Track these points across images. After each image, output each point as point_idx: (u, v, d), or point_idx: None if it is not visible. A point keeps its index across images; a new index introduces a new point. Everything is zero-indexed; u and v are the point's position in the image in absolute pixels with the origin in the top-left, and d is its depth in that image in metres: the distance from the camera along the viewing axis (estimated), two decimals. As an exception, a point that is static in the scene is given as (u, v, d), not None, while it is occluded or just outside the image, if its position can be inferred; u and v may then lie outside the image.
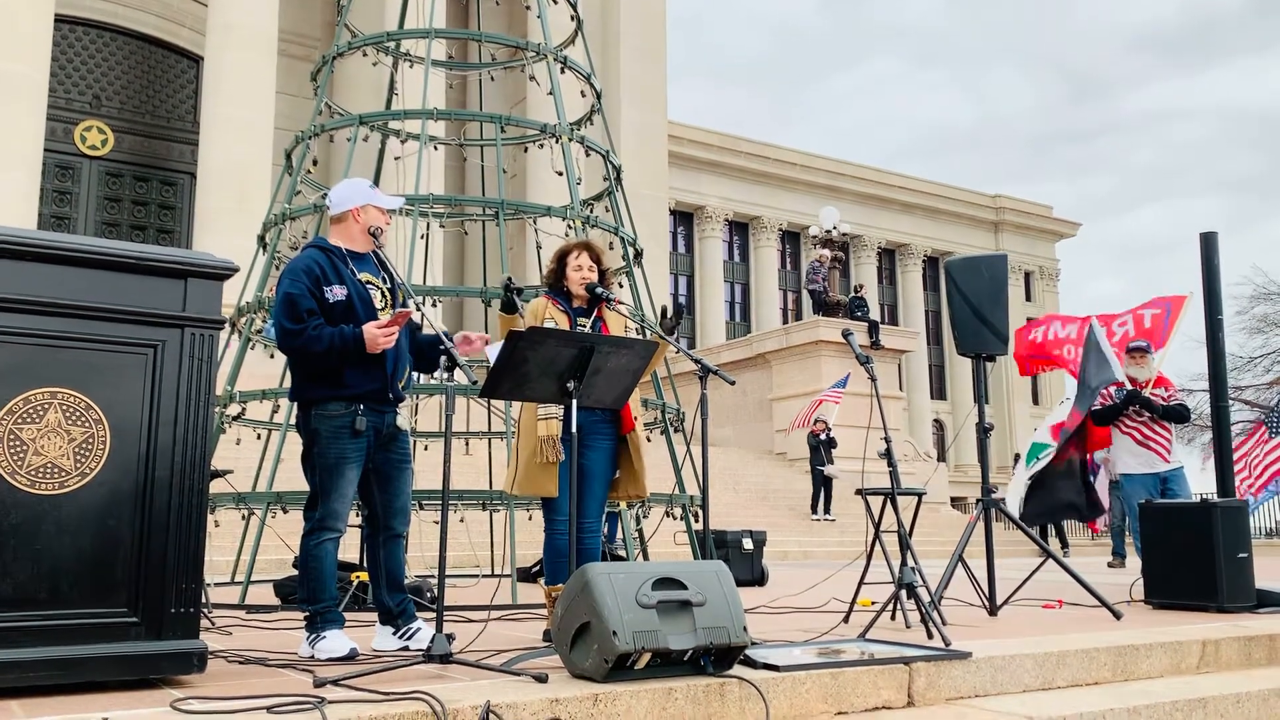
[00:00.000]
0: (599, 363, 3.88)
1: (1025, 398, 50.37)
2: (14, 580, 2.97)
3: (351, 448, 4.00)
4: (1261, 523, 24.10)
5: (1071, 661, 4.18)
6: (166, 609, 3.15)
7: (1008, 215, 52.11)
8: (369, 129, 8.62)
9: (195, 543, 3.23)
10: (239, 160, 22.87)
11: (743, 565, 9.06)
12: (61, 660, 2.97)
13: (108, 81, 29.34)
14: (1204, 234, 6.80)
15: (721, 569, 3.50)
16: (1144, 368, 7.46)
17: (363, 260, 4.20)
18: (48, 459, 3.04)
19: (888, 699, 3.62)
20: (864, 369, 5.42)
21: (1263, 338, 32.73)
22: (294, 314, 3.94)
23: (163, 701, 2.83)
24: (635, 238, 8.46)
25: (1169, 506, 6.41)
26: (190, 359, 3.29)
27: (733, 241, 46.39)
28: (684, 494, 7.58)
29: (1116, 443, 7.57)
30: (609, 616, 3.14)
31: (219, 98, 23.35)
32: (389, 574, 4.15)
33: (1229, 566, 5.88)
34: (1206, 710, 4.04)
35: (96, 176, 28.88)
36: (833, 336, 21.89)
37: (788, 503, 19.85)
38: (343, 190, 4.24)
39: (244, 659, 3.76)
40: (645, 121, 32.45)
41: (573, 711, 2.98)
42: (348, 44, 8.69)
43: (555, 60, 8.57)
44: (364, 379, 4.01)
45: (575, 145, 8.35)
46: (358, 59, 9.17)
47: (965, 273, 6.24)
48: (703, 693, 3.21)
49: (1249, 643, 4.90)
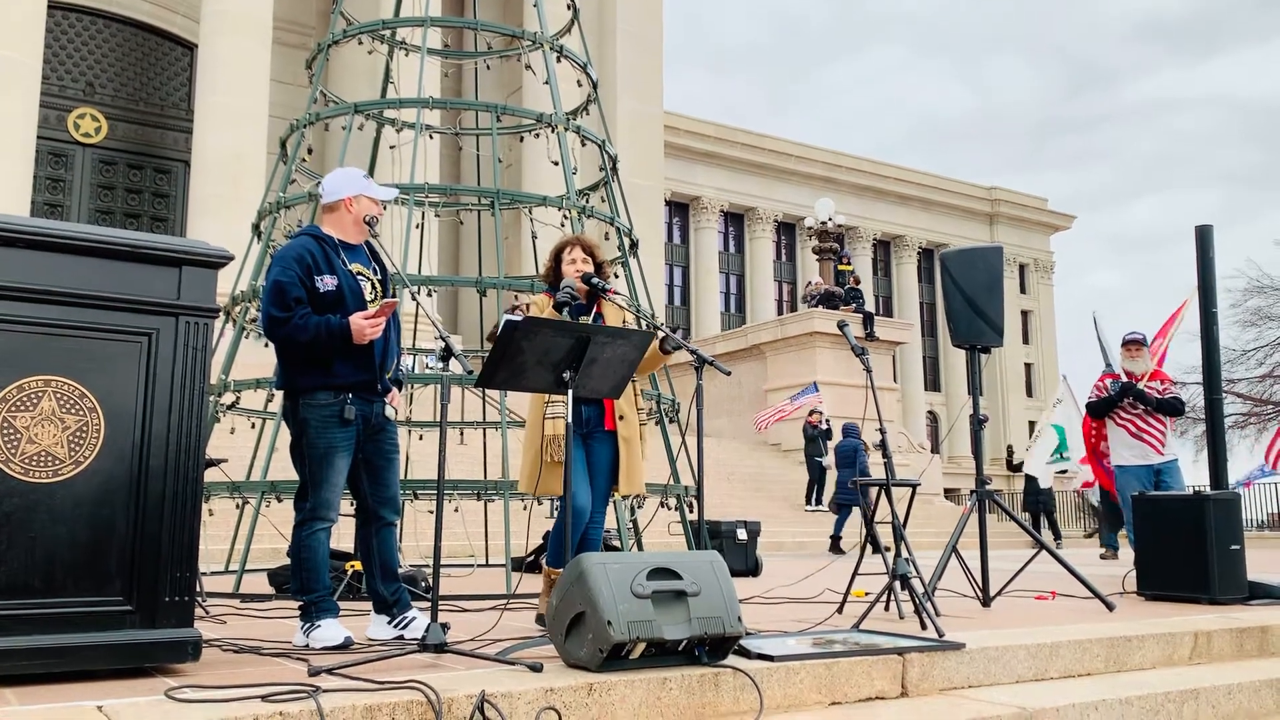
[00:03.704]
0: (595, 353, 3.88)
1: (1020, 390, 50.50)
2: (8, 568, 2.96)
3: (341, 437, 3.99)
4: (1253, 515, 24.21)
5: (1064, 652, 4.20)
6: (161, 597, 3.15)
7: (1003, 207, 52.16)
8: (364, 117, 8.60)
9: (190, 531, 3.23)
10: (233, 148, 22.79)
11: (737, 555, 9.08)
12: (56, 649, 2.97)
13: (101, 69, 29.20)
14: (1199, 228, 6.80)
15: (716, 559, 3.50)
16: (1139, 360, 7.49)
17: (355, 250, 4.19)
18: (41, 447, 3.03)
19: (881, 689, 3.63)
20: (859, 360, 5.42)
21: (1256, 331, 32.86)
22: (282, 302, 3.92)
23: (157, 690, 2.83)
24: (631, 228, 8.45)
25: (1162, 498, 6.43)
26: (185, 347, 3.28)
27: (728, 232, 46.38)
28: (679, 484, 7.59)
29: (1111, 435, 7.60)
30: (604, 606, 3.14)
31: (213, 85, 23.26)
32: (382, 563, 4.15)
33: (1221, 558, 5.90)
34: (1199, 701, 4.06)
35: (90, 164, 28.76)
36: (828, 328, 21.90)
37: (782, 493, 19.89)
38: (336, 179, 4.22)
39: (238, 648, 3.76)
40: (641, 111, 32.40)
41: (567, 701, 2.99)
42: (343, 32, 8.65)
43: (551, 49, 8.53)
44: (353, 369, 3.99)
45: (571, 135, 8.32)
46: (353, 47, 9.14)
47: (961, 264, 6.23)
48: (697, 682, 3.22)
49: (1241, 634, 4.92)
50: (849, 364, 20.96)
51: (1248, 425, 32.60)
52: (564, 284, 4.53)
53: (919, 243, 50.29)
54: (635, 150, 30.52)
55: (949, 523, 18.43)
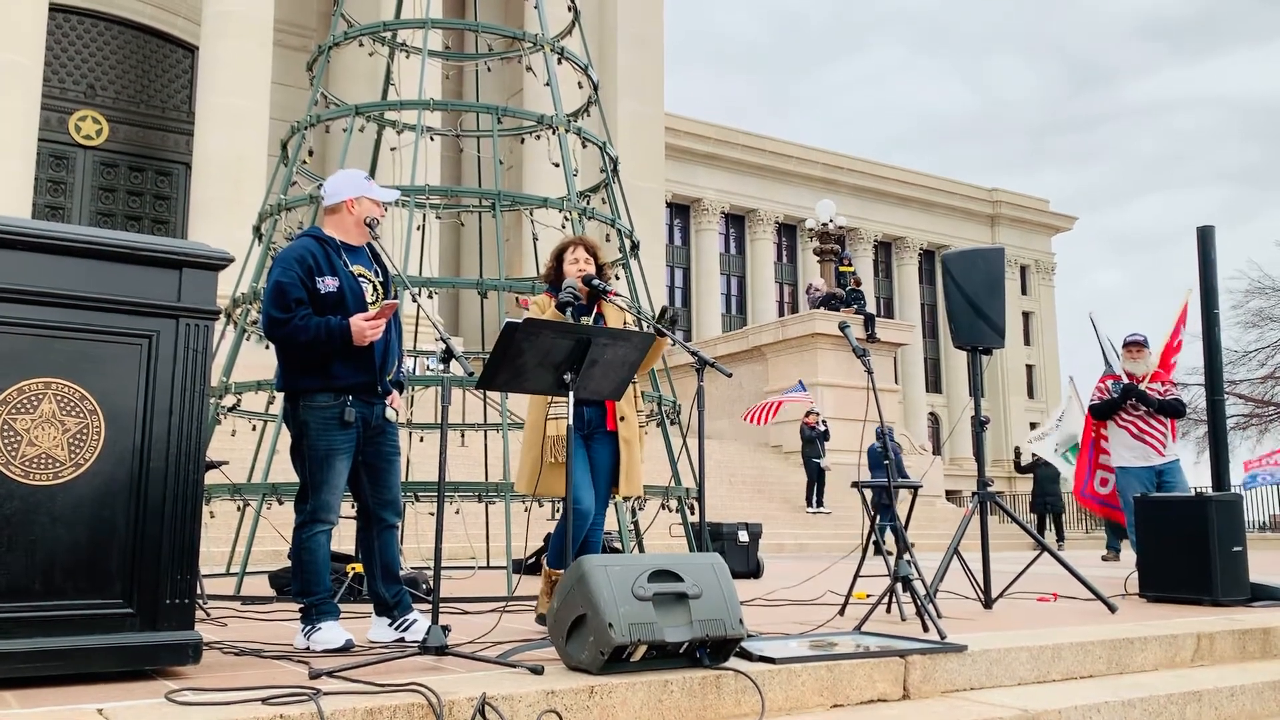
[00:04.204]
0: (596, 354, 3.87)
1: (1021, 391, 50.48)
2: (8, 571, 2.96)
3: (341, 439, 3.98)
4: (1254, 516, 24.18)
5: (1066, 654, 4.19)
6: (161, 600, 3.14)
7: (1004, 209, 52.14)
8: (365, 119, 8.60)
9: (190, 534, 3.22)
10: (234, 151, 22.79)
11: (738, 557, 9.07)
12: (56, 651, 2.96)
13: (102, 71, 29.22)
14: (1200, 229, 6.80)
15: (717, 561, 3.50)
16: (1140, 362, 7.48)
17: (356, 252, 4.18)
18: (42, 449, 3.03)
19: (883, 691, 3.62)
20: (860, 362, 5.41)
21: (1257, 332, 32.87)
22: (283, 303, 3.92)
23: (157, 693, 2.83)
24: (632, 229, 8.45)
25: (1164, 500, 6.42)
26: (185, 349, 3.27)
27: (729, 234, 46.38)
28: (680, 486, 7.58)
29: (1113, 436, 7.59)
30: (605, 609, 3.14)
31: (214, 87, 23.26)
32: (383, 565, 4.14)
33: (1224, 560, 5.89)
34: (1201, 703, 4.05)
35: (91, 166, 28.77)
36: (829, 329, 21.90)
37: (783, 495, 19.88)
38: (337, 181, 4.22)
39: (239, 650, 3.76)
40: (642, 113, 32.40)
41: (568, 703, 2.98)
42: (344, 34, 8.65)
43: (552, 51, 8.54)
44: (353, 371, 3.99)
45: (572, 136, 8.32)
46: (354, 49, 9.14)
47: (962, 266, 6.23)
48: (698, 685, 3.21)
49: (1243, 636, 4.91)
50: (850, 365, 20.95)
51: (1249, 427, 32.62)
52: (566, 284, 4.52)
53: (920, 244, 50.27)
54: (636, 152, 30.52)
55: (950, 524, 18.43)
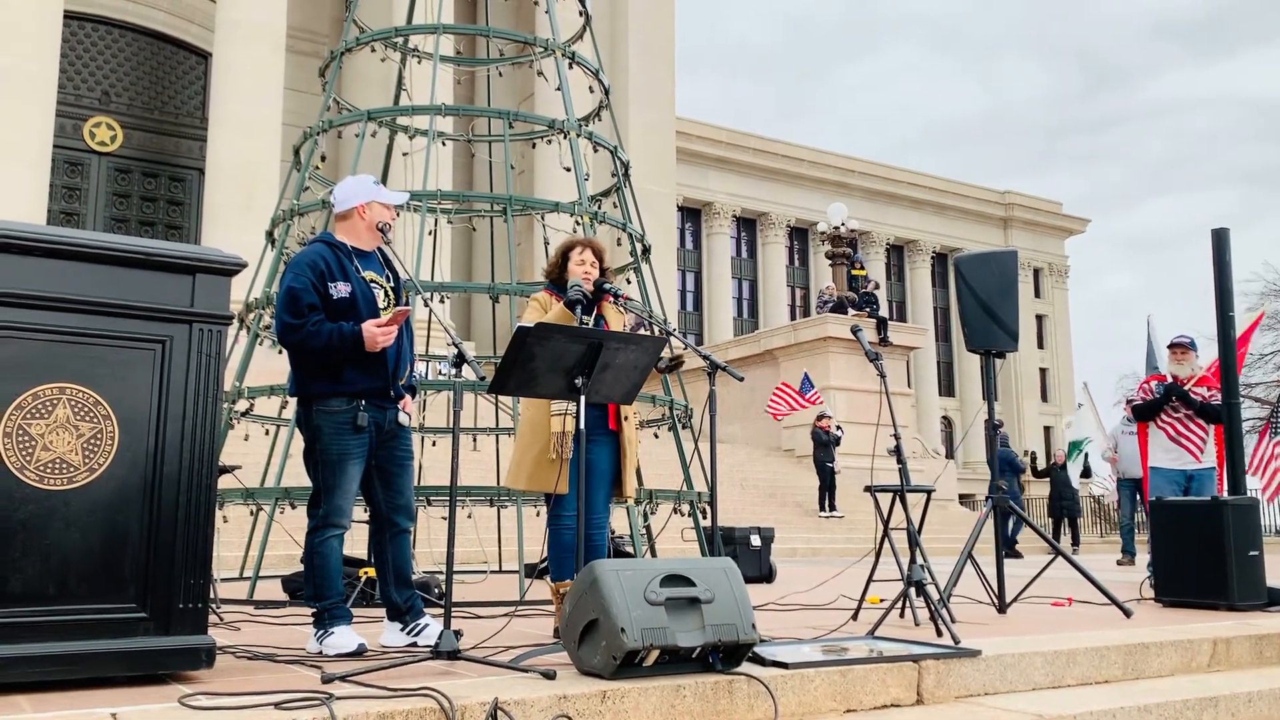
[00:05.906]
0: (607, 359, 3.86)
1: (1034, 394, 50.26)
2: (23, 576, 2.97)
3: (354, 443, 3.99)
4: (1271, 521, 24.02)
5: (1081, 660, 4.16)
6: (175, 604, 3.15)
7: (1017, 211, 51.98)
8: (377, 125, 8.62)
9: (203, 538, 3.23)
10: (247, 156, 22.90)
11: (751, 562, 9.05)
12: (69, 655, 2.97)
13: (117, 78, 29.41)
14: (1215, 231, 6.75)
15: (730, 566, 3.49)
16: (1184, 365, 7.39)
17: (368, 258, 4.20)
18: (56, 454, 3.04)
19: (897, 697, 3.60)
20: (873, 365, 5.40)
21: (1273, 335, 32.68)
22: (295, 308, 3.93)
23: (171, 697, 2.83)
24: (643, 234, 8.45)
25: (1180, 504, 6.37)
26: (198, 354, 3.28)
27: (740, 238, 46.35)
28: (692, 490, 7.56)
29: (1150, 437, 7.49)
30: (617, 613, 3.13)
31: (227, 94, 23.38)
32: (396, 570, 4.14)
33: (1240, 564, 5.85)
34: (1218, 709, 4.02)
35: (105, 172, 28.95)
36: (841, 333, 21.83)
37: (795, 499, 19.82)
38: (347, 187, 4.23)
39: (252, 655, 3.76)
40: (653, 118, 32.43)
41: (581, 709, 2.97)
42: (356, 39, 8.68)
43: (563, 56, 8.54)
44: (365, 376, 4.00)
45: (583, 141, 8.33)
46: (366, 55, 9.16)
47: (975, 269, 6.21)
48: (711, 690, 3.20)
49: (1260, 641, 4.87)
50: (863, 369, 20.87)
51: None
52: (572, 283, 4.51)
53: (933, 247, 50.13)
54: (647, 156, 30.55)
55: (964, 529, 18.33)
